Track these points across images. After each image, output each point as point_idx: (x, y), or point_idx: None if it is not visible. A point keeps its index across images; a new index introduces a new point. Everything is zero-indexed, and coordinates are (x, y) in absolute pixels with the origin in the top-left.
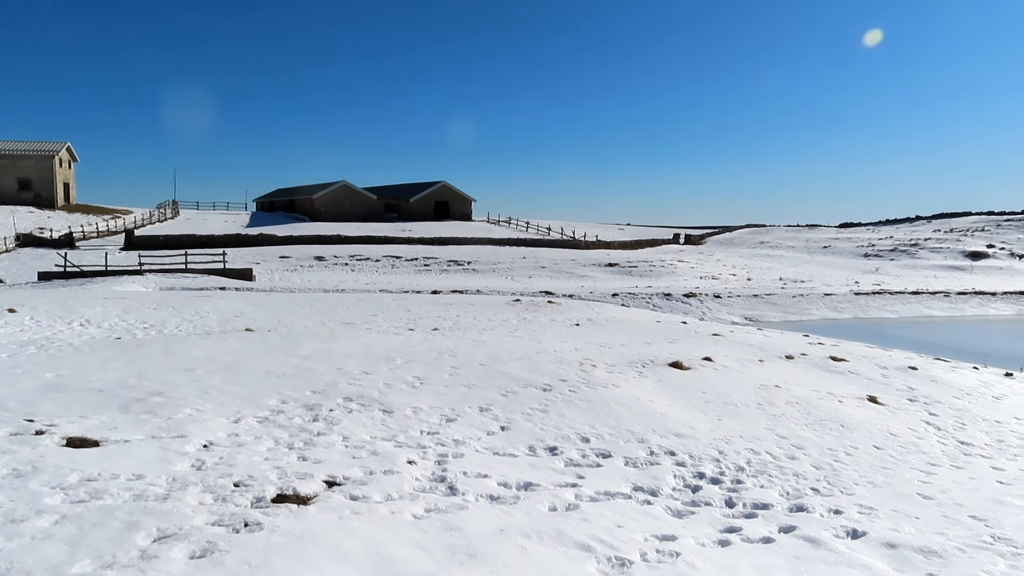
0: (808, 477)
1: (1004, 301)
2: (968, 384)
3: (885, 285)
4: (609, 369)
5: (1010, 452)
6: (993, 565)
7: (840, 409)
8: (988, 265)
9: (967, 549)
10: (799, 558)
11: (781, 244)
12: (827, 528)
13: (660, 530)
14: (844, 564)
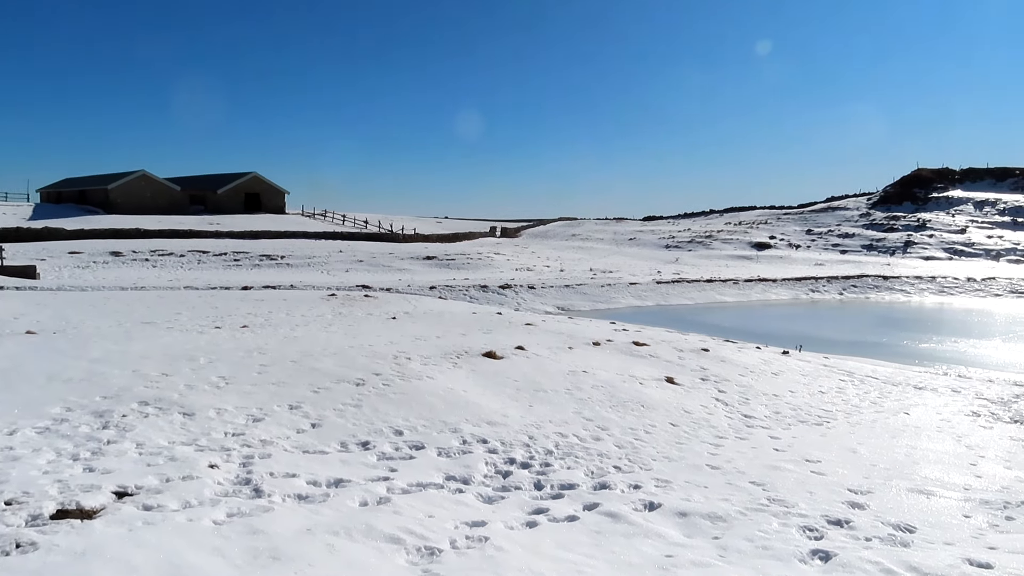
0: (611, 456)
1: (783, 287)
2: (752, 363)
3: (684, 274)
4: (424, 361)
5: (785, 422)
6: (768, 524)
7: (641, 390)
8: (771, 255)
9: (747, 512)
10: (600, 532)
11: (592, 236)
12: (627, 503)
13: (471, 517)
14: (641, 535)
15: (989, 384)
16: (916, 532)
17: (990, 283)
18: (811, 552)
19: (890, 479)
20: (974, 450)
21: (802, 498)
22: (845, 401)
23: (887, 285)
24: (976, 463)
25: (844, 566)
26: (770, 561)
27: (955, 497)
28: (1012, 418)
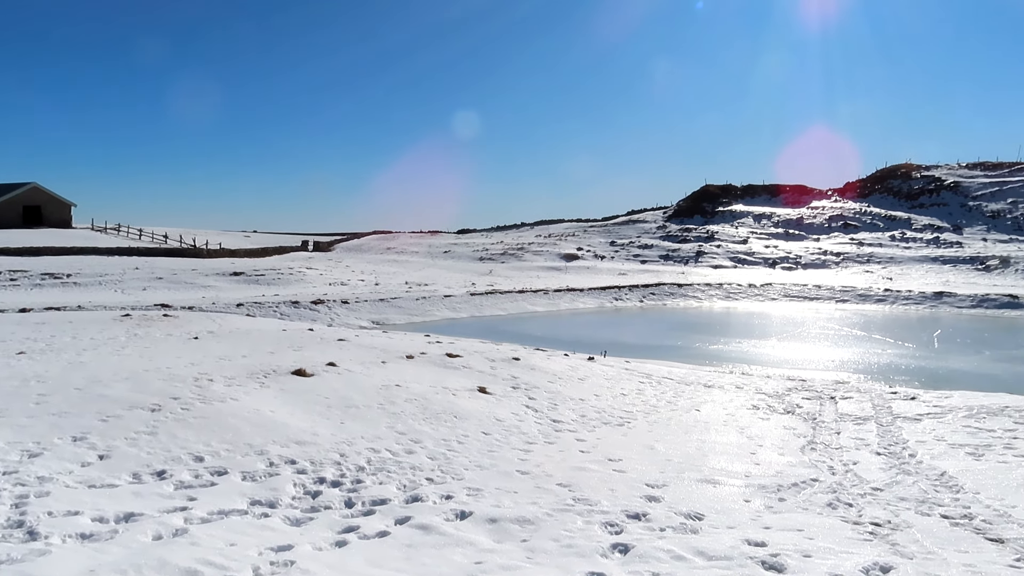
0: (424, 468)
1: (589, 296)
2: (560, 369)
3: (497, 286)
4: (228, 382)
5: (590, 425)
6: (573, 523)
7: (454, 401)
8: (579, 265)
9: (554, 513)
10: (412, 546)
11: (407, 250)
12: (439, 513)
13: (277, 541)
14: (452, 544)
15: (767, 380)
16: (704, 519)
17: (768, 288)
18: (612, 546)
19: (683, 472)
20: (754, 440)
21: (605, 496)
22: (644, 402)
23: (681, 292)
24: (755, 452)
25: (641, 556)
26: (574, 558)
27: (737, 484)
28: (785, 409)
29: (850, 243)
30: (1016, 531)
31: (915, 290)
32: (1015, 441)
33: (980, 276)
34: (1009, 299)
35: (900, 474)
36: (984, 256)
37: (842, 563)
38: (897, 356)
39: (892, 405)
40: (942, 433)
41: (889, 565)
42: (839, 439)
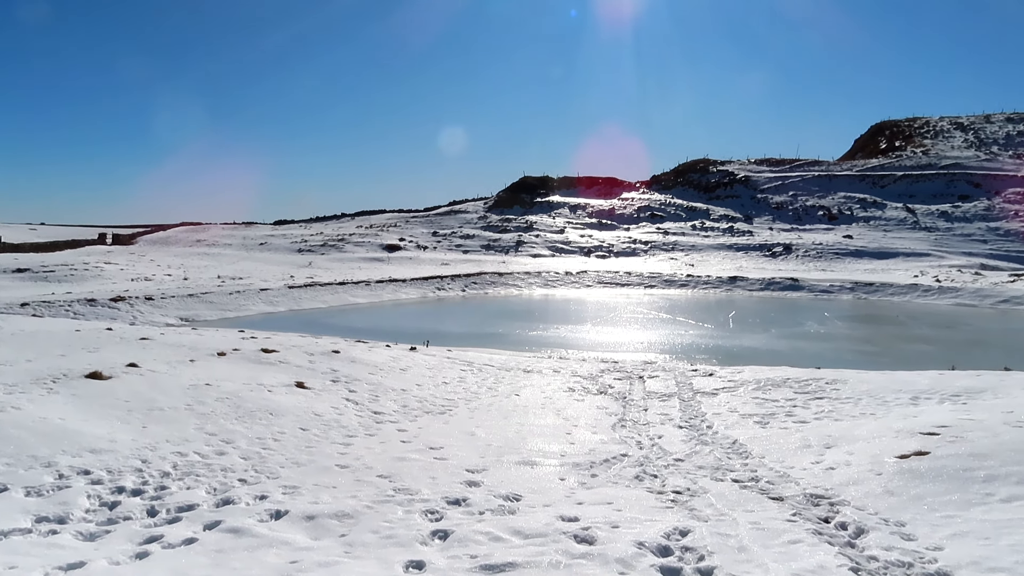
0: (237, 469)
1: (412, 287)
2: (381, 361)
3: (317, 278)
4: (8, 390)
5: (412, 415)
6: (393, 514)
7: (270, 398)
8: (401, 256)
9: (374, 505)
10: (221, 551)
11: (219, 242)
12: (252, 515)
13: (67, 559)
14: (266, 546)
15: (583, 363)
16: (522, 499)
17: (583, 276)
18: (432, 533)
19: (502, 455)
20: (570, 421)
21: (425, 484)
22: (466, 389)
23: (502, 281)
24: (571, 432)
25: (460, 541)
26: (394, 549)
27: (554, 464)
28: (599, 390)
29: (657, 232)
30: (794, 489)
31: (713, 275)
32: (794, 409)
33: (768, 261)
34: (791, 282)
35: (699, 445)
36: (771, 243)
37: (646, 531)
38: (698, 336)
39: (693, 382)
40: (735, 405)
41: (687, 529)
42: (646, 415)
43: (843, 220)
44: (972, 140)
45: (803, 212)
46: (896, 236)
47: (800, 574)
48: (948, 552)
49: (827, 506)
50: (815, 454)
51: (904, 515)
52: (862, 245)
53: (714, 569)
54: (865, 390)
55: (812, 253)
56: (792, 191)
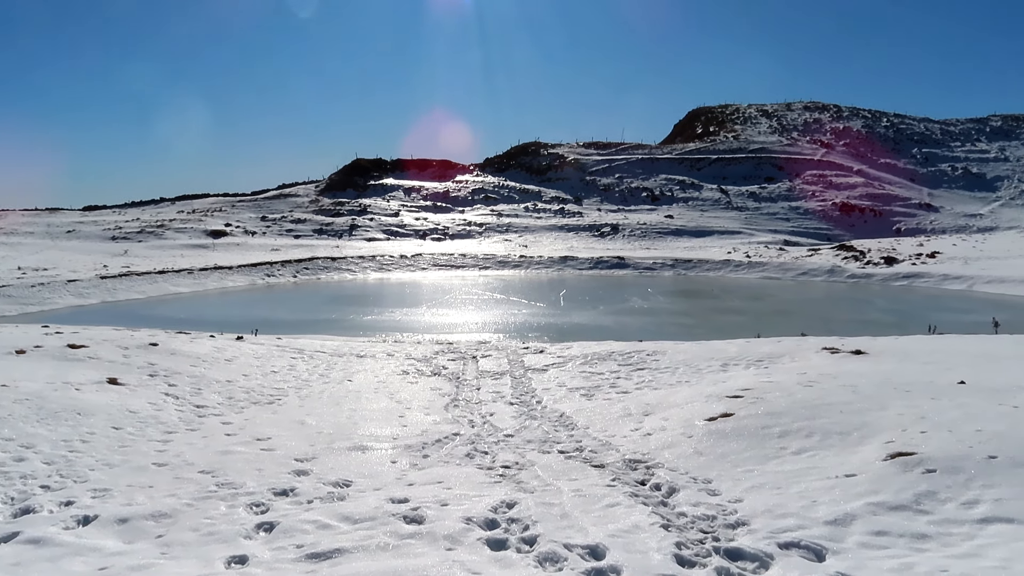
0: (39, 476)
1: (240, 273)
2: (205, 352)
3: (134, 267)
4: None
5: (238, 406)
6: (216, 510)
7: (78, 397)
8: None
9: (195, 502)
10: (19, 564)
11: (18, 230)
12: (56, 523)
13: None
14: (71, 554)
15: (417, 345)
16: (352, 485)
17: (418, 259)
18: (257, 526)
19: (333, 442)
20: (403, 404)
21: (251, 477)
22: (296, 377)
23: (335, 266)
24: (404, 415)
25: (286, 531)
26: (216, 545)
27: (386, 447)
28: (433, 371)
29: (491, 214)
30: (614, 456)
31: (545, 255)
32: (618, 380)
33: (597, 241)
34: (618, 260)
35: (528, 420)
36: (599, 224)
37: (475, 506)
38: (530, 315)
39: (525, 359)
40: (563, 379)
41: (514, 501)
42: (479, 394)
43: (665, 201)
44: (776, 126)
45: (628, 194)
46: (712, 215)
47: (616, 534)
48: (746, 503)
49: (644, 470)
50: (635, 422)
51: (711, 473)
52: (682, 224)
53: (538, 537)
54: (682, 360)
55: (637, 233)
56: (618, 173)
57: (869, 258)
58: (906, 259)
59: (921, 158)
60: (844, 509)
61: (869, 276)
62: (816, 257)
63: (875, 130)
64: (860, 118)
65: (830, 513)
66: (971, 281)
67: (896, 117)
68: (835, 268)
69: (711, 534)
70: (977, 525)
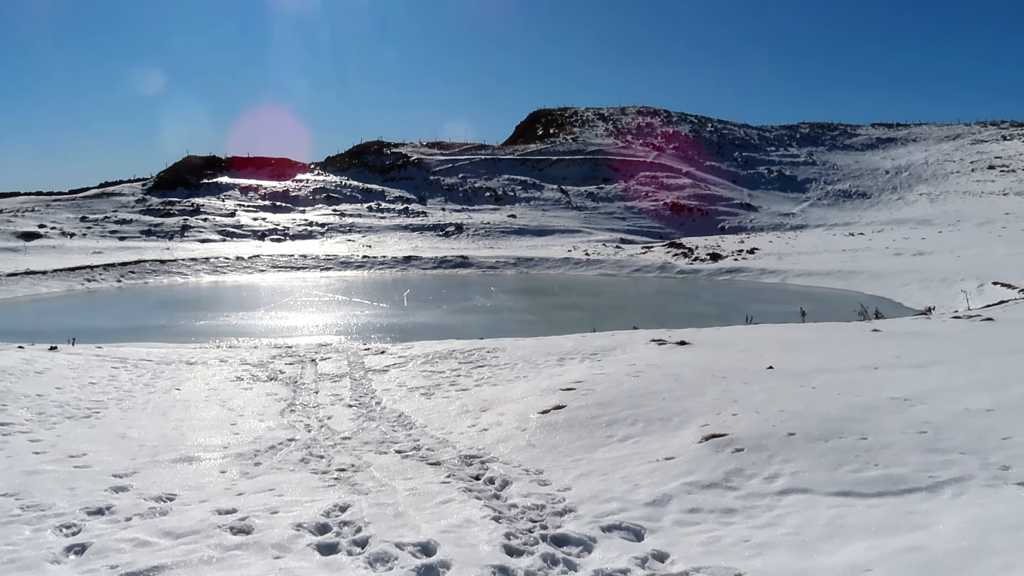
0: None
1: (55, 279)
2: (11, 364)
3: None
4: None
5: (50, 422)
6: (19, 535)
7: None
8: (42, 245)
9: None
10: None
11: None
12: None
13: None
14: None
15: (253, 350)
16: (176, 499)
17: (256, 260)
18: (66, 549)
19: (157, 455)
20: (236, 411)
21: (62, 497)
22: (118, 388)
23: (165, 269)
24: (236, 422)
25: (99, 552)
26: (18, 573)
27: (215, 457)
28: (269, 376)
29: (333, 214)
30: (451, 453)
31: (389, 255)
32: (458, 378)
33: (441, 241)
34: (462, 259)
35: (367, 421)
36: (443, 224)
37: (306, 512)
38: (373, 316)
39: (365, 360)
40: (404, 379)
41: (347, 504)
42: (317, 398)
43: (507, 201)
44: (611, 129)
45: (472, 193)
46: (553, 215)
47: (448, 530)
48: (574, 491)
49: (479, 464)
50: (472, 418)
51: (543, 464)
52: (524, 224)
53: (369, 538)
54: (521, 355)
55: (481, 232)
56: (462, 173)
57: (696, 254)
58: (729, 255)
59: (742, 161)
60: (662, 490)
61: (696, 271)
62: (649, 254)
63: (701, 135)
64: (688, 123)
65: (650, 495)
66: (784, 275)
67: (719, 123)
68: (666, 264)
69: (539, 523)
70: (776, 497)
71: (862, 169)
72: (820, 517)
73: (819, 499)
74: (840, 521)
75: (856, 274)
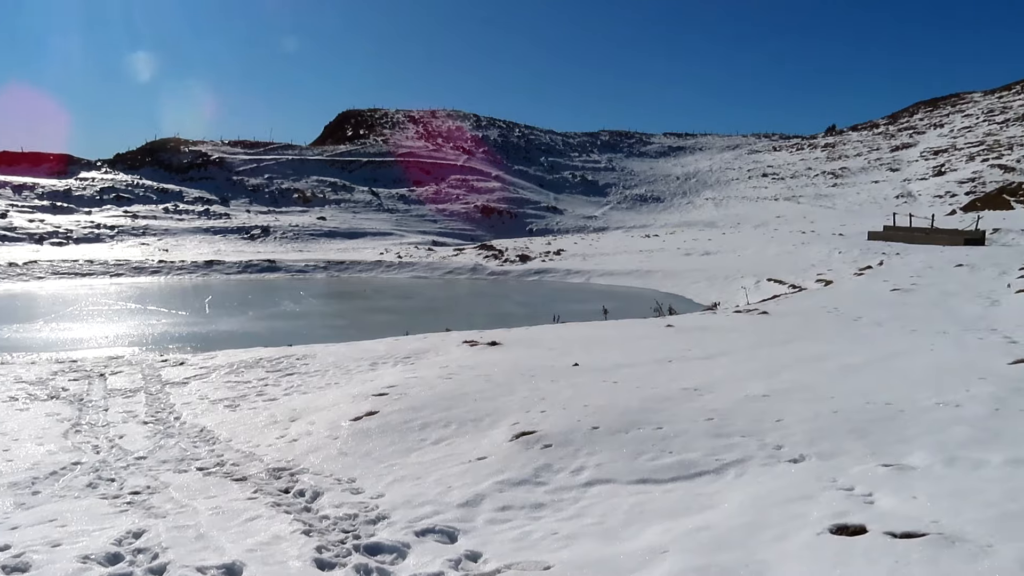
0: None
1: None
2: None
3: None
4: None
5: None
6: None
7: None
8: None
9: None
10: None
11: None
12: None
13: None
14: None
15: (31, 366)
16: None
17: (33, 266)
18: None
19: None
20: (9, 435)
21: None
22: None
23: None
24: (9, 448)
25: None
26: None
27: None
28: (49, 395)
29: (124, 216)
30: (258, 467)
31: (189, 260)
32: (266, 387)
33: (246, 244)
34: (269, 263)
35: (164, 438)
36: (248, 226)
37: (94, 541)
38: (171, 325)
39: (162, 373)
40: (206, 392)
41: (142, 529)
42: (107, 416)
43: (317, 203)
44: (422, 132)
45: (279, 195)
46: (364, 217)
47: (255, 548)
48: (387, 497)
49: (288, 477)
50: (281, 429)
51: (355, 472)
52: (335, 226)
53: (168, 564)
54: (332, 361)
55: (290, 235)
56: (268, 174)
57: (506, 256)
58: (537, 256)
59: (548, 166)
60: (475, 490)
61: (507, 272)
62: (461, 256)
63: (509, 139)
64: (496, 127)
65: (463, 496)
66: (588, 275)
67: (527, 128)
68: (477, 266)
69: (352, 533)
70: (582, 489)
71: (656, 175)
72: (622, 505)
73: (621, 488)
74: (640, 508)
75: (652, 273)
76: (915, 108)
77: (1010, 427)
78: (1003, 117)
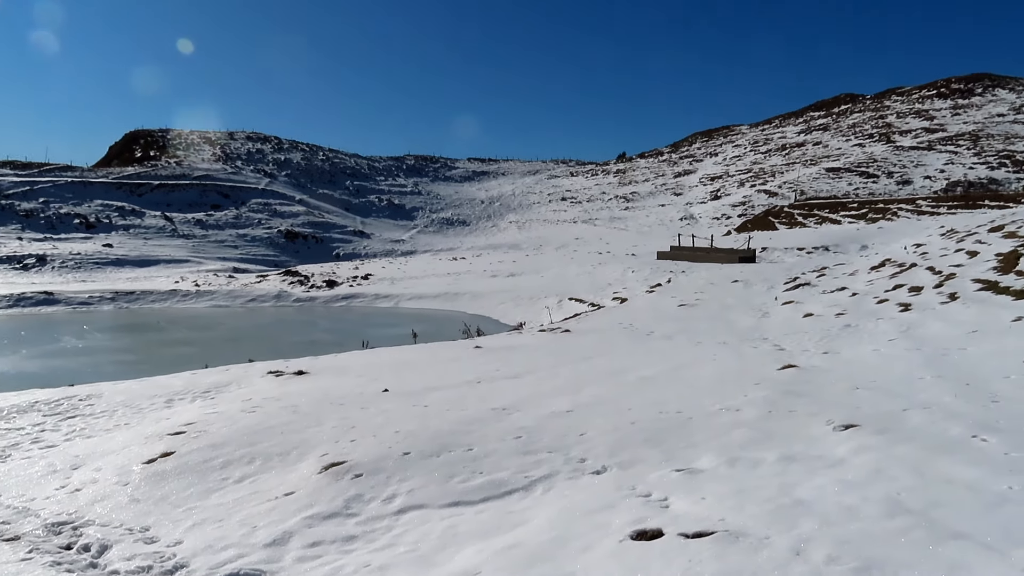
0: None
1: None
2: None
3: None
4: None
5: None
6: None
7: None
8: None
9: None
10: None
11: None
12: None
13: None
14: None
15: None
16: None
17: None
18: None
19: None
20: None
21: None
22: None
23: None
24: None
25: None
26: None
27: None
28: None
29: None
30: (34, 523)
31: None
32: (42, 434)
33: (19, 275)
34: (46, 296)
35: None
36: (21, 255)
37: None
38: None
39: None
40: None
41: None
42: None
43: (102, 229)
44: (220, 154)
45: (58, 220)
46: (156, 244)
47: None
48: (186, 544)
49: (70, 531)
50: (62, 478)
51: (149, 519)
52: (123, 254)
53: None
54: (121, 400)
55: (70, 264)
56: (44, 197)
57: (313, 282)
58: (345, 281)
59: (354, 190)
60: (282, 528)
61: (313, 299)
62: (264, 283)
63: (313, 163)
64: (299, 151)
65: (269, 535)
66: (397, 299)
67: (331, 152)
68: (282, 293)
69: None
70: (395, 517)
71: (462, 199)
72: (435, 530)
73: (433, 512)
74: (453, 531)
75: (460, 295)
76: (693, 138)
77: (781, 427)
78: (766, 148)
